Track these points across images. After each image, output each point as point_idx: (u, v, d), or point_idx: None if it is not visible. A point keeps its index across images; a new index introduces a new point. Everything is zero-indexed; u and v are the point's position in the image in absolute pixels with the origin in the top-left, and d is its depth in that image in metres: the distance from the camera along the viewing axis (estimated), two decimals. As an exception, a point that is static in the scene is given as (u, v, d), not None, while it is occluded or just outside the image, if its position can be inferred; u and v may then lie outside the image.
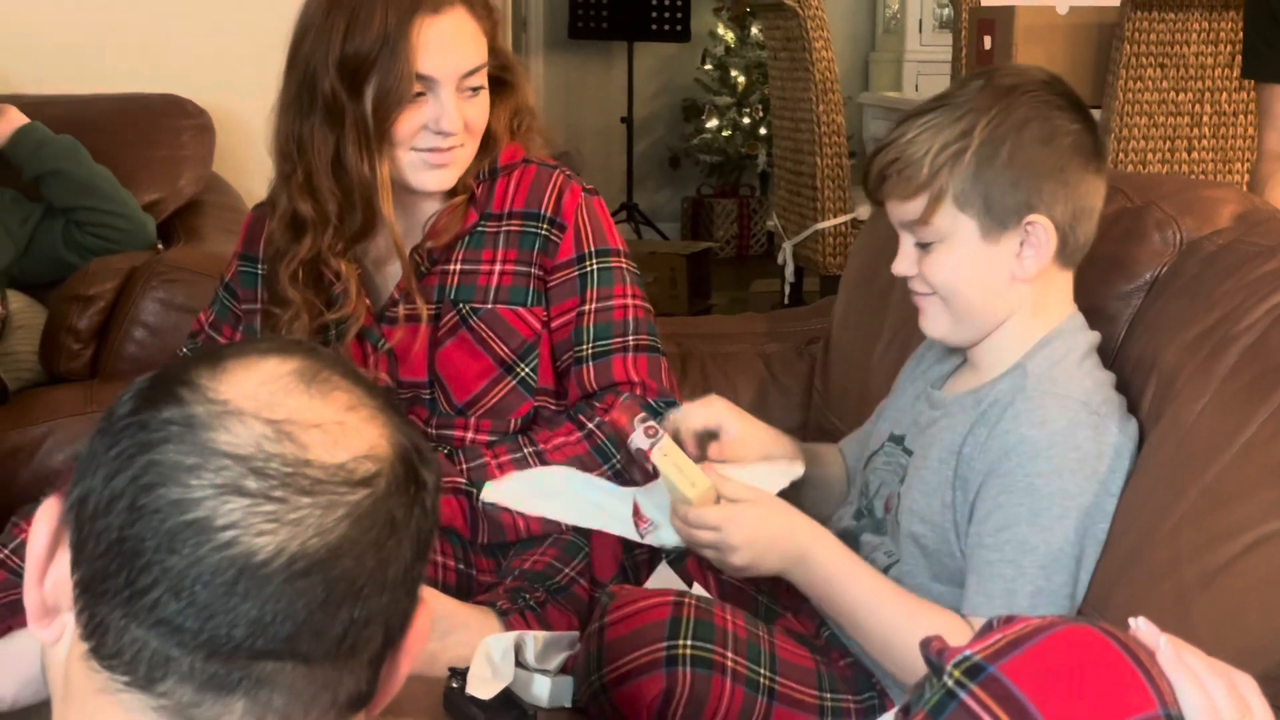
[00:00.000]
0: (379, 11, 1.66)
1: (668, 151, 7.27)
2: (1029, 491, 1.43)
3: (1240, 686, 0.94)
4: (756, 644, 1.48)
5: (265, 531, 0.74)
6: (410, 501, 0.80)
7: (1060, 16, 3.53)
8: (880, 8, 7.26)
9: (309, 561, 0.75)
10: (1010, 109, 1.48)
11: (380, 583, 0.78)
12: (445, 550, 1.72)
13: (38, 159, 2.69)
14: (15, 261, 2.68)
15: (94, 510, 0.76)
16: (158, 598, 0.74)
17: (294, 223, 1.74)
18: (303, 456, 0.76)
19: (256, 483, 0.75)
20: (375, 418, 0.81)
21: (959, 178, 1.47)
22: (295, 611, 0.75)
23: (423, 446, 0.83)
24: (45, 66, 3.27)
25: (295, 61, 1.72)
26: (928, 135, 1.48)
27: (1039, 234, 1.48)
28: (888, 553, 1.57)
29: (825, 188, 4.29)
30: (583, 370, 1.78)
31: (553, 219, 1.78)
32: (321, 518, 0.75)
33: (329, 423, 0.78)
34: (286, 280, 1.75)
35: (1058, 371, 1.49)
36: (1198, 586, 1.34)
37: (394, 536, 0.78)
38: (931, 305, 1.54)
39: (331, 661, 0.77)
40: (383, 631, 0.79)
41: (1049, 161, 1.48)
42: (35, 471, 2.37)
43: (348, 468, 0.77)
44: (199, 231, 2.94)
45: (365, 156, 1.69)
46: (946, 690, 0.93)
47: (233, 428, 0.76)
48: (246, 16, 3.29)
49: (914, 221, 1.51)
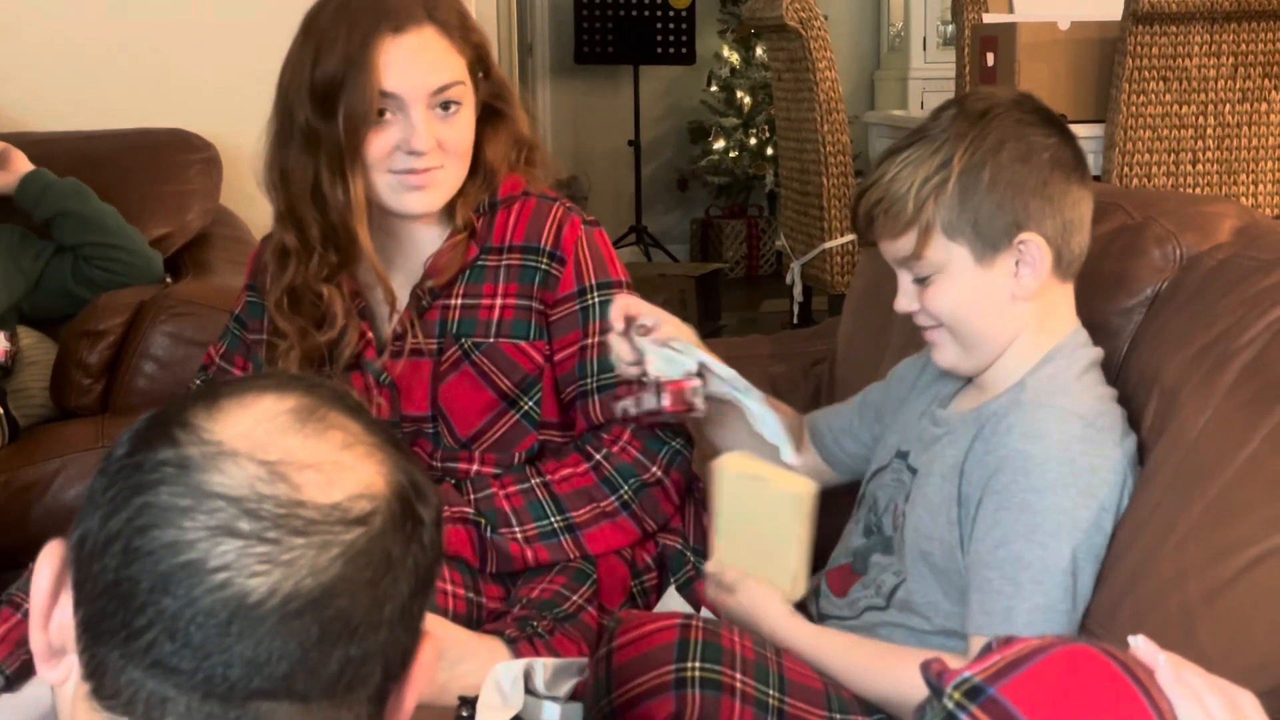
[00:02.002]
0: (343, 33, 1.67)
1: (675, 174, 7.29)
2: (1024, 508, 1.43)
3: (1241, 704, 0.94)
4: (765, 665, 1.48)
5: (259, 573, 0.74)
6: (407, 539, 0.80)
7: (1062, 32, 3.53)
8: (884, 26, 7.27)
9: (303, 601, 0.75)
10: (985, 133, 1.49)
11: (376, 621, 0.78)
12: (454, 579, 1.72)
13: (45, 203, 2.71)
14: (26, 296, 2.70)
15: (91, 552, 0.77)
16: (153, 639, 0.74)
17: (281, 253, 1.76)
18: (296, 497, 0.76)
19: (250, 524, 0.75)
20: (373, 454, 0.80)
21: (945, 208, 1.48)
22: (290, 651, 0.75)
23: (421, 482, 0.83)
24: (52, 103, 3.29)
25: (277, 95, 1.74)
26: (908, 171, 1.50)
27: (1032, 251, 1.49)
28: (895, 572, 1.57)
29: (832, 207, 4.30)
30: (589, 404, 1.79)
31: (552, 252, 1.78)
32: (315, 558, 0.75)
33: (324, 462, 0.78)
34: (273, 308, 1.77)
35: (1056, 386, 1.50)
36: (1203, 602, 1.34)
37: (390, 574, 0.78)
38: (940, 337, 1.55)
39: (329, 699, 0.77)
40: (381, 668, 0.79)
41: (1030, 179, 1.49)
42: (47, 507, 2.38)
43: (342, 507, 0.77)
44: (207, 265, 2.96)
45: (339, 181, 1.70)
46: (946, 713, 0.93)
47: (226, 469, 0.76)
48: (252, 49, 3.29)
49: (908, 258, 1.52)
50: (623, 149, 6.99)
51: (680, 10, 6.74)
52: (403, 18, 1.69)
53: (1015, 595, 1.42)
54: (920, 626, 1.54)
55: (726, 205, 7.15)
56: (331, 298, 1.76)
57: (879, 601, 1.58)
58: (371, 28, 1.67)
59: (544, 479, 1.75)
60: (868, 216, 1.54)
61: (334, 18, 1.69)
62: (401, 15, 1.69)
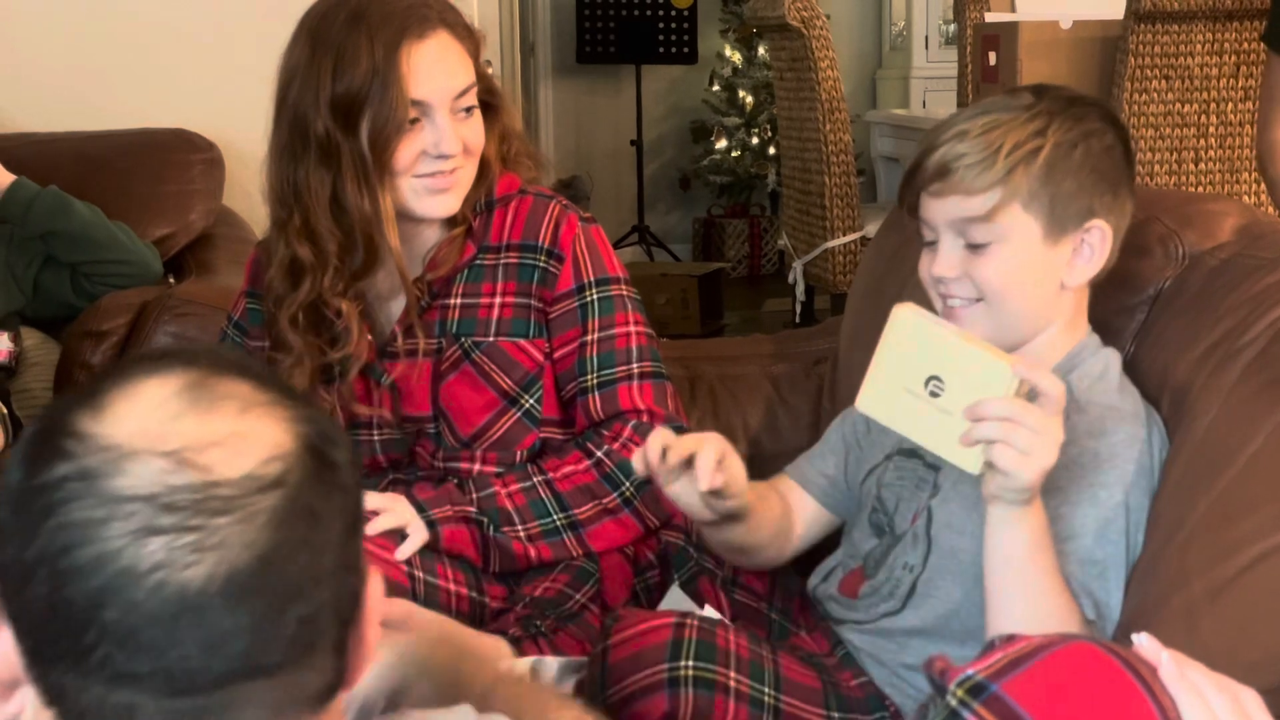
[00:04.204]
0: (365, 45, 1.66)
1: (678, 173, 7.29)
2: (1094, 503, 1.42)
3: (1244, 701, 0.94)
4: (760, 663, 1.48)
5: (192, 563, 0.73)
6: (327, 487, 0.79)
7: (1064, 31, 3.53)
8: (886, 25, 7.27)
9: (243, 577, 0.74)
10: (1081, 116, 1.49)
11: (318, 574, 0.77)
12: (458, 577, 1.72)
13: (32, 220, 2.71)
14: (28, 304, 2.71)
15: (17, 582, 0.75)
16: (105, 653, 0.73)
17: (293, 268, 1.74)
18: (208, 479, 0.75)
19: (169, 518, 0.74)
20: (271, 412, 0.79)
21: (1031, 176, 1.45)
22: (243, 627, 0.74)
23: (326, 426, 0.82)
24: (54, 104, 3.29)
25: (284, 108, 1.72)
26: (998, 133, 1.46)
27: (1095, 240, 1.48)
28: (910, 568, 1.55)
29: (834, 206, 4.30)
30: (589, 400, 1.79)
31: (550, 250, 1.78)
32: (243, 532, 0.75)
33: (225, 436, 0.77)
34: (286, 325, 1.75)
35: (1104, 385, 1.50)
36: (1206, 601, 1.34)
37: (320, 526, 0.77)
38: (971, 314, 1.50)
39: (293, 665, 0.76)
40: (335, 618, 0.78)
41: (1112, 173, 1.49)
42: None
43: (255, 475, 0.76)
44: (210, 265, 2.96)
45: (365, 192, 1.69)
46: (950, 710, 0.93)
47: (130, 470, 0.75)
48: (254, 48, 3.27)
49: (973, 219, 1.47)
50: (625, 149, 6.98)
51: (682, 10, 6.74)
52: (421, 23, 1.68)
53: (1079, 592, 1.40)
54: (934, 623, 1.52)
55: (729, 204, 7.15)
56: (349, 314, 1.75)
57: (894, 606, 1.56)
58: (394, 37, 1.66)
59: (546, 477, 1.76)
60: (941, 170, 1.47)
61: (348, 29, 1.67)
62: (419, 20, 1.68)
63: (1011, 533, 1.33)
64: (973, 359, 1.31)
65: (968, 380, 1.31)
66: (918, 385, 1.33)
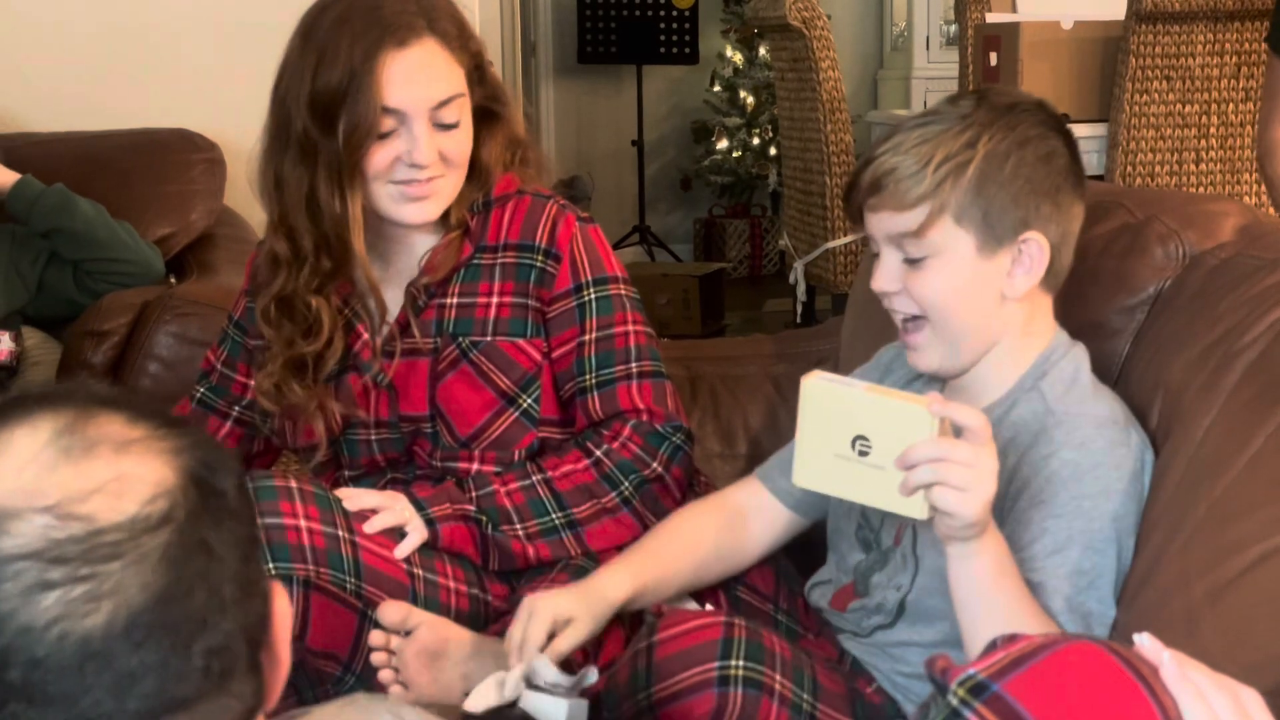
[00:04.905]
0: (345, 46, 1.66)
1: (679, 173, 7.29)
2: (1078, 514, 1.41)
3: (1245, 702, 0.94)
4: (800, 668, 1.48)
5: (90, 611, 0.72)
6: (216, 516, 0.78)
7: (1065, 31, 3.53)
8: (887, 26, 7.27)
9: (144, 616, 0.73)
10: (1013, 125, 1.46)
11: (221, 604, 0.76)
12: (458, 576, 1.73)
13: (36, 217, 2.73)
14: (30, 303, 2.72)
15: None
16: (14, 711, 0.72)
17: (273, 261, 1.76)
18: (93, 527, 0.73)
19: (59, 571, 0.72)
20: (150, 446, 0.78)
21: (961, 190, 1.44)
22: (151, 665, 0.73)
23: (211, 454, 0.80)
24: (56, 103, 3.29)
25: (274, 101, 1.73)
26: (928, 147, 1.45)
27: (1033, 251, 1.46)
28: (897, 586, 1.55)
29: (835, 207, 4.30)
30: (588, 400, 1.79)
31: (547, 250, 1.78)
32: (137, 573, 0.73)
33: (105, 481, 0.75)
34: (260, 316, 1.77)
35: (1078, 392, 1.48)
36: (1206, 603, 1.34)
37: (214, 557, 0.76)
38: (921, 337, 1.50)
39: (210, 695, 0.76)
40: (245, 643, 0.78)
41: (1047, 181, 1.47)
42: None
43: (141, 516, 0.75)
44: (211, 265, 2.96)
45: (337, 193, 1.69)
46: (951, 709, 0.93)
47: (11, 530, 0.73)
48: (256, 49, 3.28)
49: (906, 234, 1.46)
50: (626, 149, 6.98)
51: (683, 10, 6.74)
52: (405, 31, 1.68)
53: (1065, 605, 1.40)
54: (929, 639, 1.52)
55: (730, 205, 7.15)
56: (320, 309, 1.76)
57: (885, 620, 1.56)
58: (375, 42, 1.66)
59: (545, 476, 1.76)
60: (874, 184, 1.46)
61: (335, 27, 1.68)
62: (403, 28, 1.68)
63: (973, 565, 1.33)
64: (889, 410, 1.31)
65: (890, 432, 1.31)
66: (845, 448, 1.33)
